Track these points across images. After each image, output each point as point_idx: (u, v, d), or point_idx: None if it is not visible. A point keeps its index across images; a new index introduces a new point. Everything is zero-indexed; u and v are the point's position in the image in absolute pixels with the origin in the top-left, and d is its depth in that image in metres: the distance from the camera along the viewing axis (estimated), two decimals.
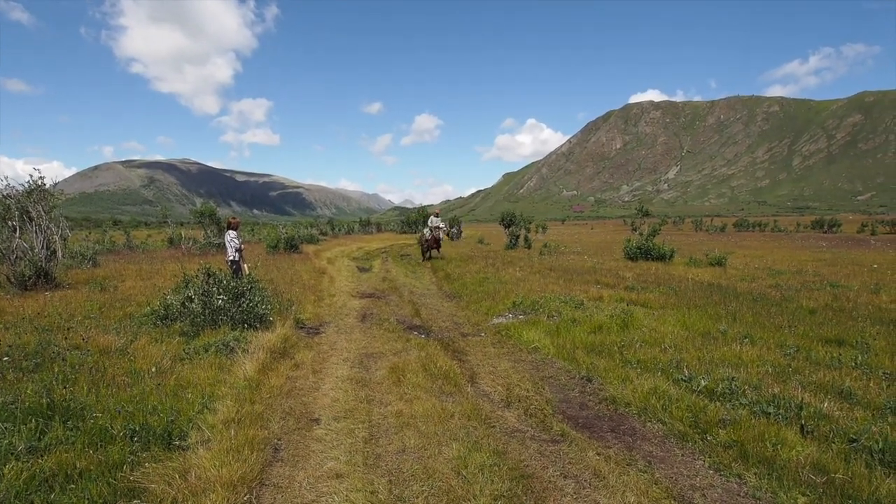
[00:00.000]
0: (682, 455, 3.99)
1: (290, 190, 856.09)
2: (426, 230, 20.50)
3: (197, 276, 8.02)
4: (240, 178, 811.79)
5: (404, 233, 51.13)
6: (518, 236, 26.98)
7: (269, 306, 7.94)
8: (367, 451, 4.02)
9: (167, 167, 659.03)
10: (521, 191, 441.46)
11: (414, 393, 5.19)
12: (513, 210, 32.93)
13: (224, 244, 10.14)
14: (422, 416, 4.58)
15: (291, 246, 22.35)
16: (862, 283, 12.21)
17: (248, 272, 9.44)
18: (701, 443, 4.11)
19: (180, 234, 25.07)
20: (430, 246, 20.33)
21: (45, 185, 11.45)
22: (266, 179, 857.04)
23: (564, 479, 3.62)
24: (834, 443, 3.86)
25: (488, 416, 4.71)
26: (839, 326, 7.47)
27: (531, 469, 3.74)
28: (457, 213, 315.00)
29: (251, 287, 7.90)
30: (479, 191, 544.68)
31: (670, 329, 7.35)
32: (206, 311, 7.32)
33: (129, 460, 3.54)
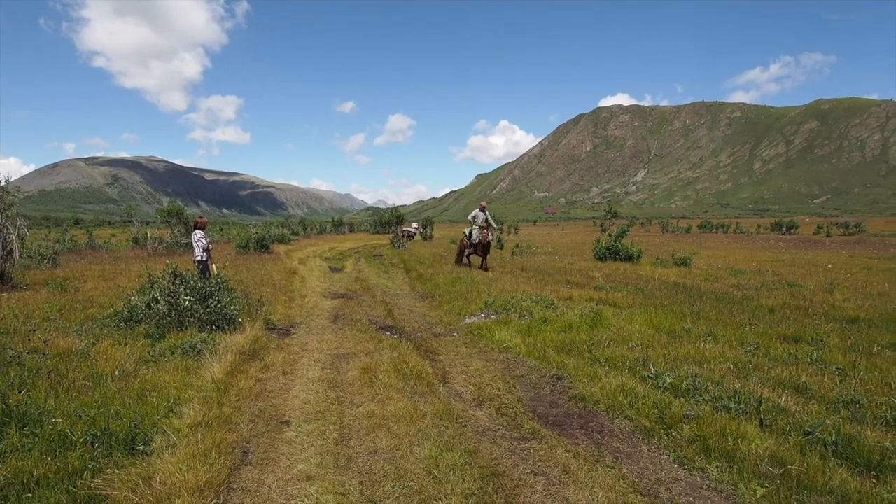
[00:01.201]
0: (648, 450, 4.10)
1: (261, 189, 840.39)
2: (471, 229, 15.34)
3: (163, 276, 7.81)
4: (209, 177, 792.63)
5: (377, 233, 50.89)
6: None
7: (238, 307, 7.79)
8: (339, 453, 4.00)
9: (132, 165, 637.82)
10: (494, 192, 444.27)
11: (386, 393, 5.18)
12: None
13: (191, 244, 9.91)
14: (394, 417, 4.58)
15: (262, 246, 21.96)
16: (817, 282, 12.73)
17: (216, 272, 9.25)
18: (666, 438, 4.22)
19: (146, 234, 24.31)
20: (477, 251, 15.24)
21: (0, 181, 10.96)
22: (236, 178, 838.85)
23: (535, 477, 3.68)
24: (791, 436, 4.03)
25: (460, 416, 4.74)
26: (796, 324, 7.78)
27: (502, 467, 3.79)
28: (430, 213, 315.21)
29: (219, 288, 7.74)
30: (453, 191, 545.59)
31: (637, 328, 7.52)
32: (173, 313, 7.14)
33: (89, 467, 3.43)
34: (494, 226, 14.99)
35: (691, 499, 3.42)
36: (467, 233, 15.62)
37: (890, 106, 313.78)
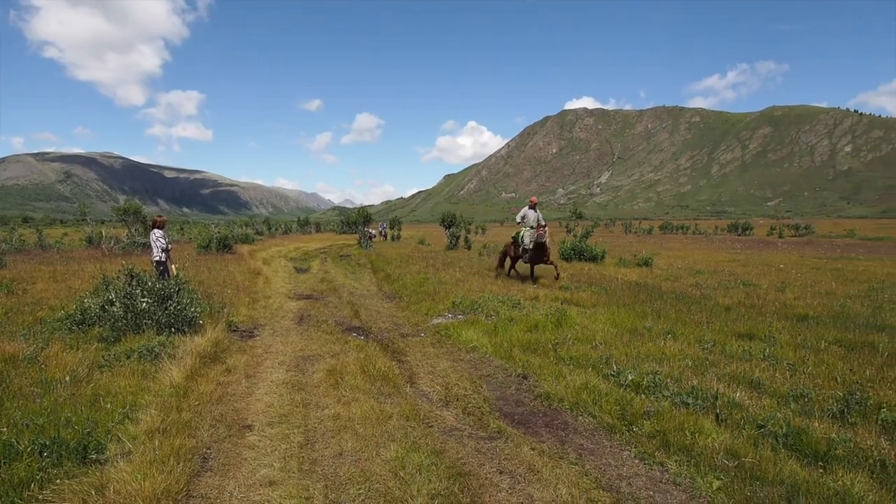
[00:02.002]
0: (611, 446, 4.19)
1: (224, 188, 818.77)
2: (522, 232, 12.61)
3: (118, 277, 7.51)
4: (168, 175, 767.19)
5: (344, 233, 50.34)
6: (458, 237, 27.21)
7: (198, 309, 7.56)
8: (303, 457, 3.93)
9: (86, 161, 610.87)
10: (462, 192, 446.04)
11: (352, 395, 5.13)
12: (453, 211, 33.21)
13: (149, 244, 9.57)
14: (360, 419, 4.54)
15: (224, 246, 21.40)
16: (770, 281, 13.28)
17: (175, 273, 8.96)
18: (628, 434, 4.33)
19: (101, 233, 23.33)
20: (533, 259, 12.41)
21: None
22: (197, 176, 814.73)
23: (500, 475, 3.71)
24: (744, 429, 4.19)
25: (427, 416, 4.73)
26: (750, 322, 8.09)
27: (468, 467, 3.80)
28: (398, 213, 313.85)
29: (179, 289, 7.50)
30: (420, 192, 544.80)
31: (601, 327, 7.68)
32: (129, 315, 6.87)
33: (37, 477, 3.27)
34: (545, 225, 12.33)
35: (651, 493, 3.51)
36: (520, 238, 12.71)
37: (838, 114, 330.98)
